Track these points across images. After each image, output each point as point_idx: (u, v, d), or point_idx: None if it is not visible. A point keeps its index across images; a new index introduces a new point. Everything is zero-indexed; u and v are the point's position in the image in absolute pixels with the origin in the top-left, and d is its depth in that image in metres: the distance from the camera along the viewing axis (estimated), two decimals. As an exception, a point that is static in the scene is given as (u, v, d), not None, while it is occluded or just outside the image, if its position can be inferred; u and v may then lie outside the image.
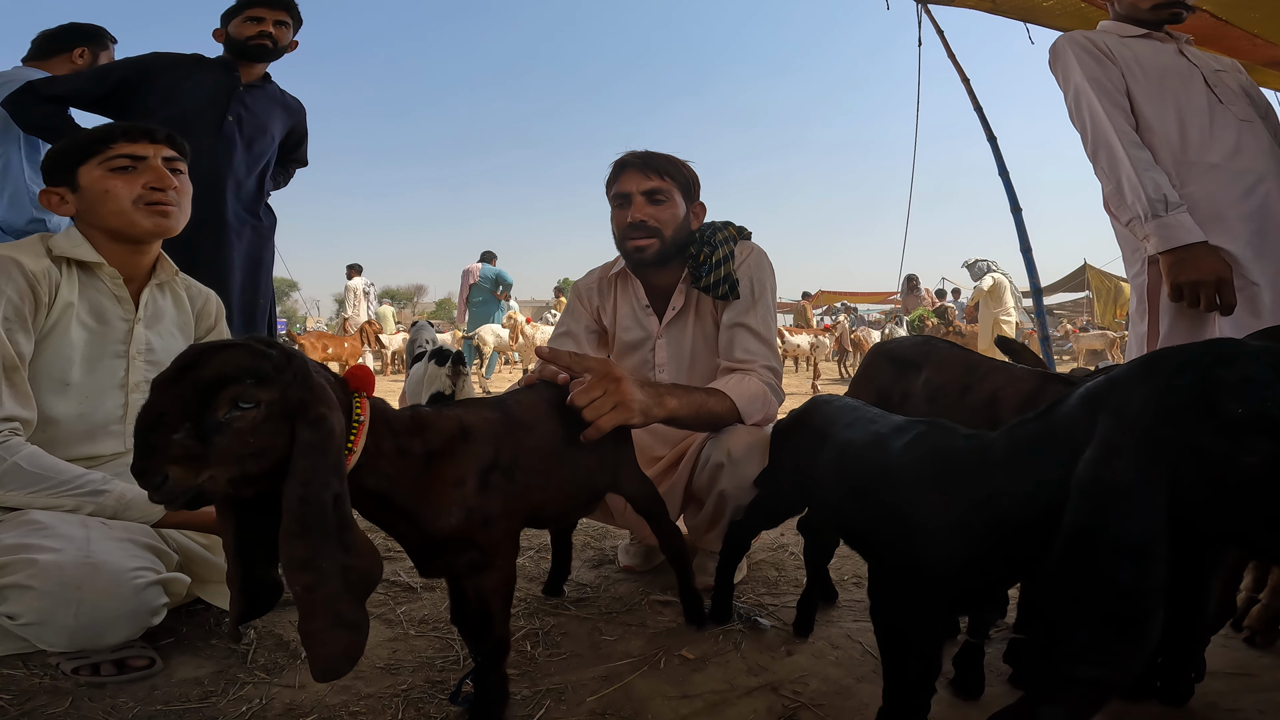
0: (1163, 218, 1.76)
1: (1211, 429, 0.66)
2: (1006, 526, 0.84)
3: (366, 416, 0.99)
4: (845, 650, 1.46)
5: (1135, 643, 0.67)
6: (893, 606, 1.01)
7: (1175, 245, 1.74)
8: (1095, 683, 0.69)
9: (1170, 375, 0.70)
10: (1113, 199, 1.88)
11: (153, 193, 1.50)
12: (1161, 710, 1.19)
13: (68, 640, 1.22)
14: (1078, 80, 1.94)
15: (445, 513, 1.08)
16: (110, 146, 1.49)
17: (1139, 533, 0.67)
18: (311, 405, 0.87)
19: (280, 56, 2.67)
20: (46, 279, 1.42)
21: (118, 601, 1.23)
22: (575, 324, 1.96)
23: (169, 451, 0.82)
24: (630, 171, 1.80)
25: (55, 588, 1.20)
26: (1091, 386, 0.78)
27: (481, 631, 1.17)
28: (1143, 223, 1.79)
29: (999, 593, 1.00)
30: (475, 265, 9.26)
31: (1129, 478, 0.68)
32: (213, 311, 1.77)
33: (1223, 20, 3.52)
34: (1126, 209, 1.83)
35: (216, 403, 0.83)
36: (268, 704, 1.25)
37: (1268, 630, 1.43)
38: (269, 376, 0.85)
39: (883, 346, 1.87)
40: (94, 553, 1.24)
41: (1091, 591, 0.68)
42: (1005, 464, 0.86)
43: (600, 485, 1.46)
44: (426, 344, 3.75)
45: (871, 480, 1.05)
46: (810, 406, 1.41)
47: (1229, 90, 1.97)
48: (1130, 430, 0.70)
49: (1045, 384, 1.43)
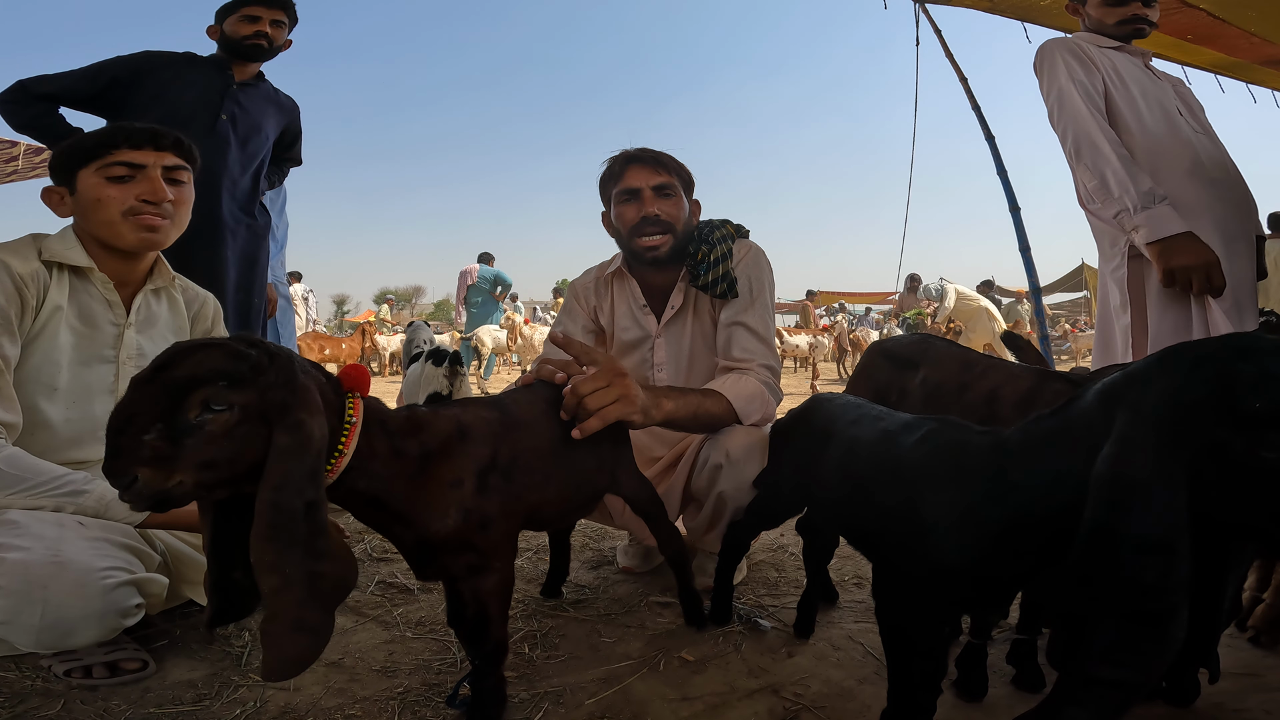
0: (1151, 209, 1.81)
1: (1230, 424, 0.65)
2: (1023, 523, 0.83)
3: (359, 418, 0.98)
4: (847, 652, 1.45)
5: (1160, 641, 0.66)
6: (899, 606, 1.00)
7: (1165, 235, 1.80)
8: (1120, 684, 0.67)
9: (1188, 370, 0.69)
10: (1098, 193, 1.92)
11: (144, 205, 1.48)
12: (1167, 710, 1.18)
13: (34, 640, 1.20)
14: (1063, 82, 2.00)
15: (442, 514, 1.07)
16: (111, 152, 1.46)
17: (1160, 528, 0.66)
18: (291, 409, 0.85)
19: (275, 56, 2.66)
20: (35, 282, 1.40)
21: (85, 601, 1.21)
22: (572, 324, 1.95)
23: (138, 452, 0.81)
24: (638, 166, 1.79)
25: (20, 586, 1.18)
26: (1109, 382, 0.77)
27: (479, 634, 1.15)
28: (1132, 214, 1.84)
29: (1011, 591, 0.98)
30: (473, 266, 9.23)
31: (1148, 473, 0.67)
32: (209, 314, 1.76)
33: (1219, 19, 3.52)
34: (1114, 202, 1.87)
35: (188, 404, 0.82)
36: (262, 707, 1.24)
37: (1273, 630, 1.43)
38: (245, 378, 0.84)
39: (881, 345, 1.86)
40: (63, 552, 1.22)
41: (1114, 589, 0.67)
42: (1022, 460, 0.85)
43: (599, 486, 1.45)
44: (424, 344, 3.74)
45: (880, 477, 1.04)
46: (811, 405, 1.40)
47: (1186, 104, 2.09)
48: (1148, 426, 0.69)
49: (1044, 382, 1.43)
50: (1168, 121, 1.98)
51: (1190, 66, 4.26)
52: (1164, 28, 3.68)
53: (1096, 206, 1.94)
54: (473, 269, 9.22)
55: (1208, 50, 3.97)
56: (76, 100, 2.43)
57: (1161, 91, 2.04)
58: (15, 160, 7.57)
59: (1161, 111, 1.99)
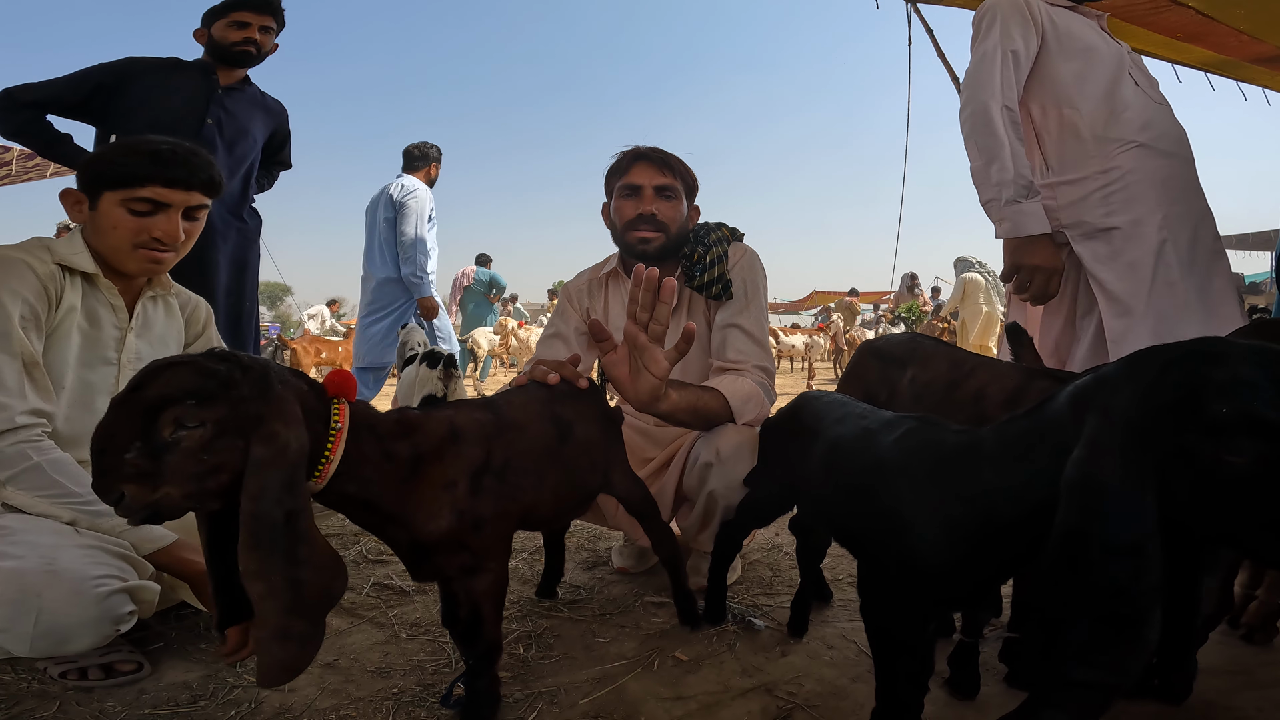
0: (1021, 204, 1.80)
1: (1197, 429, 0.65)
2: (995, 523, 0.83)
3: (345, 423, 0.98)
4: (840, 650, 1.45)
5: (1133, 643, 0.66)
6: (882, 604, 1.01)
7: (1026, 234, 1.81)
8: (1096, 686, 0.68)
9: (1157, 373, 0.69)
10: (978, 175, 1.89)
11: (155, 243, 1.50)
12: (1159, 708, 1.18)
13: (28, 647, 1.21)
14: (989, 47, 1.91)
15: (435, 516, 1.07)
16: (143, 186, 1.46)
17: (1129, 532, 0.66)
18: (265, 421, 0.87)
19: (263, 61, 2.65)
20: (54, 282, 1.43)
21: (80, 609, 1.22)
22: (565, 325, 1.95)
23: (121, 470, 0.84)
24: (645, 164, 1.81)
25: (15, 594, 1.19)
26: (1080, 385, 0.77)
27: (473, 634, 1.16)
28: (1000, 205, 1.82)
29: (989, 589, 0.99)
30: (470, 268, 9.14)
31: (1117, 478, 0.68)
32: (201, 318, 1.77)
33: (1208, 17, 3.54)
34: (990, 188, 1.85)
35: (161, 422, 0.84)
36: (257, 708, 1.24)
37: (1265, 627, 1.43)
38: (214, 394, 0.85)
39: (870, 344, 1.87)
40: (57, 560, 1.24)
41: (1086, 592, 0.68)
42: (995, 460, 0.85)
43: (593, 486, 1.46)
44: (418, 346, 3.73)
45: (860, 475, 1.04)
46: (799, 403, 1.41)
47: (1142, 74, 2.02)
48: (1117, 429, 0.69)
49: (1030, 379, 1.44)
50: (1116, 85, 1.92)
51: (1180, 64, 4.28)
52: (1153, 26, 3.69)
53: (976, 185, 1.91)
54: (469, 271, 9.14)
55: (1197, 48, 3.98)
56: (63, 108, 2.43)
57: (1114, 56, 1.97)
58: (9, 165, 7.56)
59: (1111, 76, 1.93)
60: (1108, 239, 1.85)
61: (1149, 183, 1.85)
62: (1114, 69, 1.93)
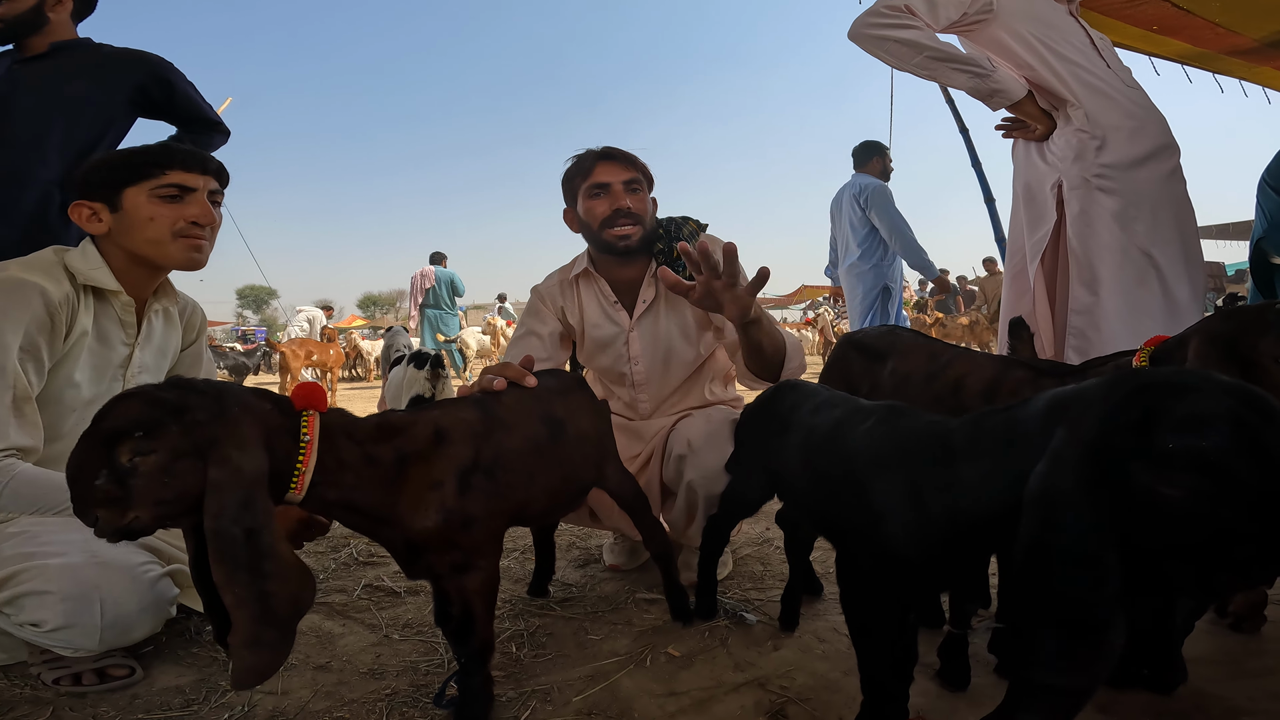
0: (996, 73, 2.11)
1: (1144, 457, 0.67)
2: (962, 515, 0.85)
3: (314, 435, 1.00)
4: (832, 644, 1.46)
5: (1096, 649, 0.68)
6: (859, 593, 1.02)
7: (1016, 99, 2.11)
8: (1064, 690, 0.70)
9: (1125, 397, 0.70)
10: (978, 78, 2.11)
11: (193, 227, 1.49)
12: (1149, 698, 1.19)
13: (98, 640, 1.24)
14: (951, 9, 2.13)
15: (423, 516, 1.08)
16: (166, 173, 1.47)
17: (1085, 545, 0.68)
18: (218, 444, 0.90)
19: (36, 24, 2.15)
20: (66, 306, 1.41)
21: (138, 596, 1.26)
22: (540, 325, 1.93)
23: (93, 495, 0.89)
24: (608, 163, 1.82)
25: (75, 590, 1.22)
26: (1060, 393, 0.79)
27: (465, 633, 1.16)
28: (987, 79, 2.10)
29: (968, 580, 1.00)
30: (429, 268, 8.69)
31: (1075, 493, 0.70)
32: (196, 324, 1.77)
33: (1185, 10, 3.58)
34: (971, 78, 2.11)
35: (119, 452, 0.88)
36: (250, 711, 1.24)
37: (1253, 616, 1.44)
38: (161, 423, 0.89)
39: (851, 337, 1.89)
40: (99, 552, 1.26)
41: (1048, 600, 0.70)
42: (966, 454, 0.87)
43: (587, 480, 1.46)
44: (404, 348, 3.73)
45: (834, 463, 1.06)
46: (774, 392, 1.42)
47: (1114, 57, 2.18)
48: (1078, 445, 0.71)
49: (1007, 369, 1.47)
50: (1082, 54, 2.09)
51: (1157, 57, 4.33)
52: (1130, 19, 3.73)
53: (975, 83, 2.11)
54: (428, 270, 8.69)
55: (1174, 41, 4.03)
56: None
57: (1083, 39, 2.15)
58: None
59: (1084, 56, 2.09)
60: None
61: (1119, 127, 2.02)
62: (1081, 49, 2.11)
